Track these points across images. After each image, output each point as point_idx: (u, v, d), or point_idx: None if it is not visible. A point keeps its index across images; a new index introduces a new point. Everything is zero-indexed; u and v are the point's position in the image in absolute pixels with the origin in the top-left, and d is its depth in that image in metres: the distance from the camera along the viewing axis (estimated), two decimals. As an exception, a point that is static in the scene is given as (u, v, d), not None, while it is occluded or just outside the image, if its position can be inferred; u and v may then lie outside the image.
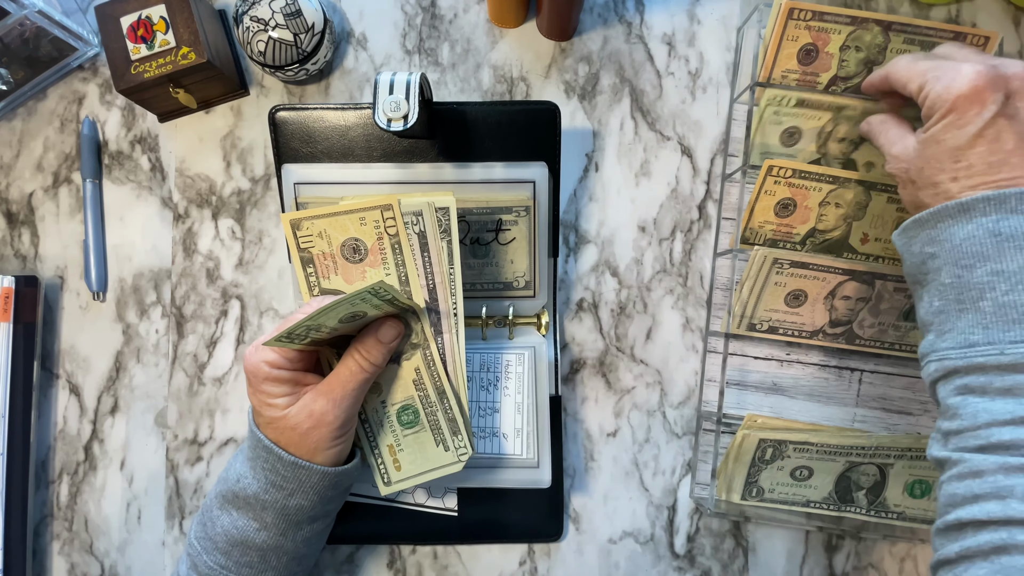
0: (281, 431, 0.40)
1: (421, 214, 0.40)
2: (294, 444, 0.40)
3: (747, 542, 0.52)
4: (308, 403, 0.39)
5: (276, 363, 0.40)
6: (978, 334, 0.33)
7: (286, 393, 0.40)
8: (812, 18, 0.50)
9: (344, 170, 0.47)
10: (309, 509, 0.41)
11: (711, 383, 0.52)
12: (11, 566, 0.49)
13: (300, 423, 0.39)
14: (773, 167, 0.47)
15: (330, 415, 0.39)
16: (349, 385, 0.40)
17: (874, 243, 0.50)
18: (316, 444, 0.40)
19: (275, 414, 0.40)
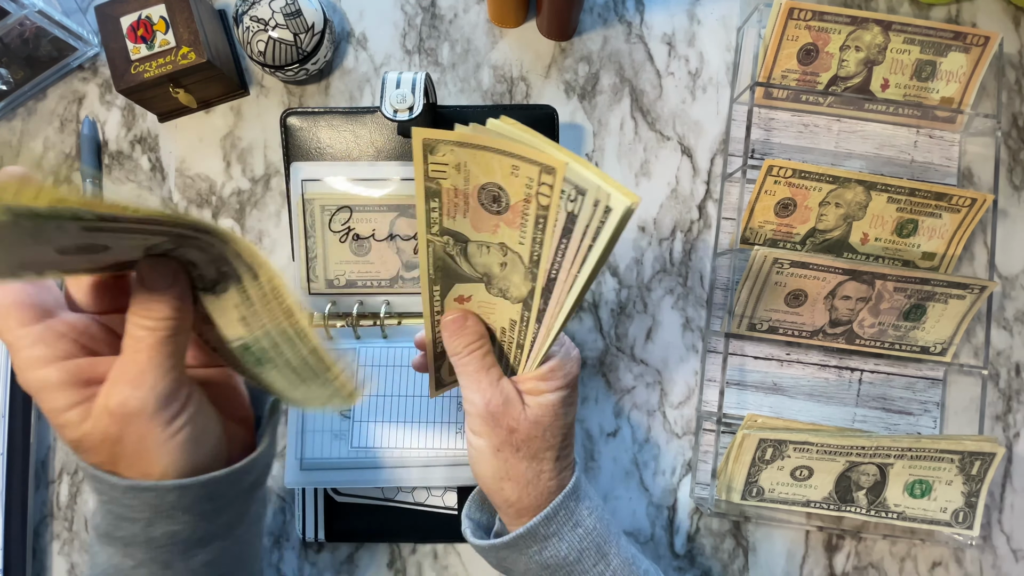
0: (95, 450, 0.28)
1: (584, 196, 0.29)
2: (121, 460, 0.29)
3: (747, 542, 0.52)
4: (103, 403, 0.28)
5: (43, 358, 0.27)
6: None
7: (76, 402, 0.28)
8: (812, 18, 0.50)
9: (351, 167, 0.48)
10: (187, 532, 0.30)
11: (711, 383, 0.52)
12: (11, 566, 0.49)
13: (107, 431, 0.28)
14: (773, 167, 0.47)
15: (136, 401, 0.27)
16: (141, 356, 0.28)
17: (874, 243, 0.50)
18: (141, 445, 0.28)
19: (74, 434, 0.28)
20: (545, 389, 0.35)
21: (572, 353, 0.36)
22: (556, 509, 0.35)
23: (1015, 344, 0.53)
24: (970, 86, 0.52)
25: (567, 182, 0.29)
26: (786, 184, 0.48)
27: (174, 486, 0.29)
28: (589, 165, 0.28)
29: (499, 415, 0.35)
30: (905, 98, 0.52)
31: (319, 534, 0.50)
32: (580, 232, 0.30)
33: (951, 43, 0.50)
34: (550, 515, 0.35)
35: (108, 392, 0.28)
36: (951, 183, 0.53)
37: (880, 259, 0.50)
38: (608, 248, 0.28)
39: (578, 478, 0.37)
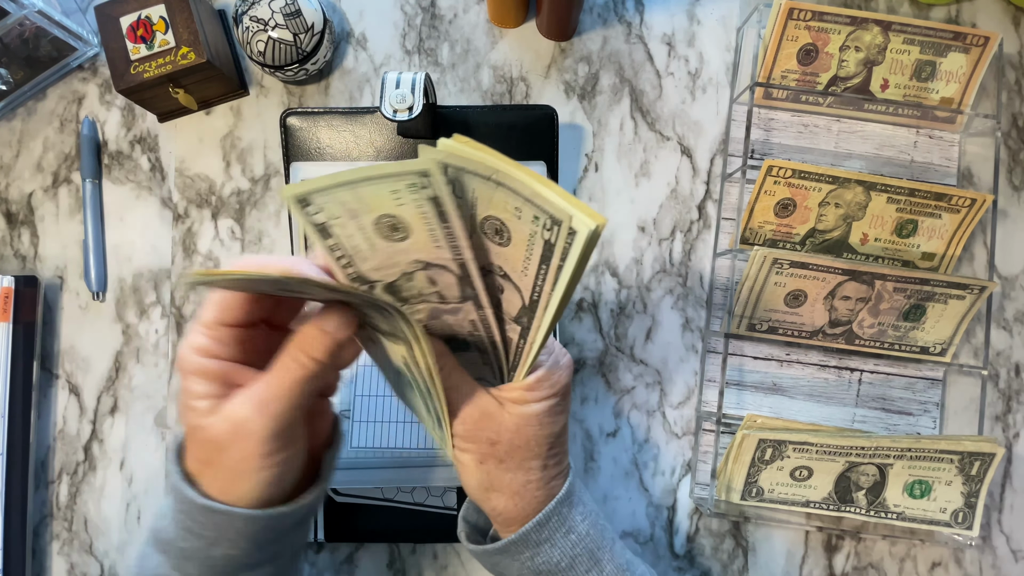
0: (201, 446, 0.30)
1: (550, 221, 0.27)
2: (214, 468, 0.30)
3: (747, 542, 0.52)
4: (230, 408, 0.29)
5: (206, 349, 0.30)
6: None
7: (212, 394, 0.29)
8: (812, 18, 0.50)
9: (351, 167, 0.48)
10: (243, 558, 0.32)
11: (711, 383, 0.52)
12: (11, 566, 0.49)
13: (219, 435, 0.29)
14: (773, 167, 0.47)
15: (255, 425, 0.29)
16: (281, 386, 0.29)
17: (873, 243, 0.50)
18: (237, 466, 0.29)
19: (195, 421, 0.29)
20: (530, 399, 0.34)
21: (562, 361, 0.35)
22: (548, 515, 0.35)
23: (1015, 344, 0.53)
24: (970, 86, 0.52)
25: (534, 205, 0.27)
26: (786, 184, 0.48)
27: (245, 515, 0.30)
28: (552, 185, 0.26)
29: (476, 428, 0.34)
30: (905, 98, 0.52)
31: (319, 534, 0.50)
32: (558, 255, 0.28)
33: (951, 43, 0.50)
34: (542, 521, 0.35)
35: (236, 400, 0.29)
36: (951, 183, 0.53)
37: (880, 259, 0.50)
38: (578, 270, 0.28)
39: (571, 483, 0.37)
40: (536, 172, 0.27)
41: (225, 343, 0.30)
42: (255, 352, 0.31)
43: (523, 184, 0.26)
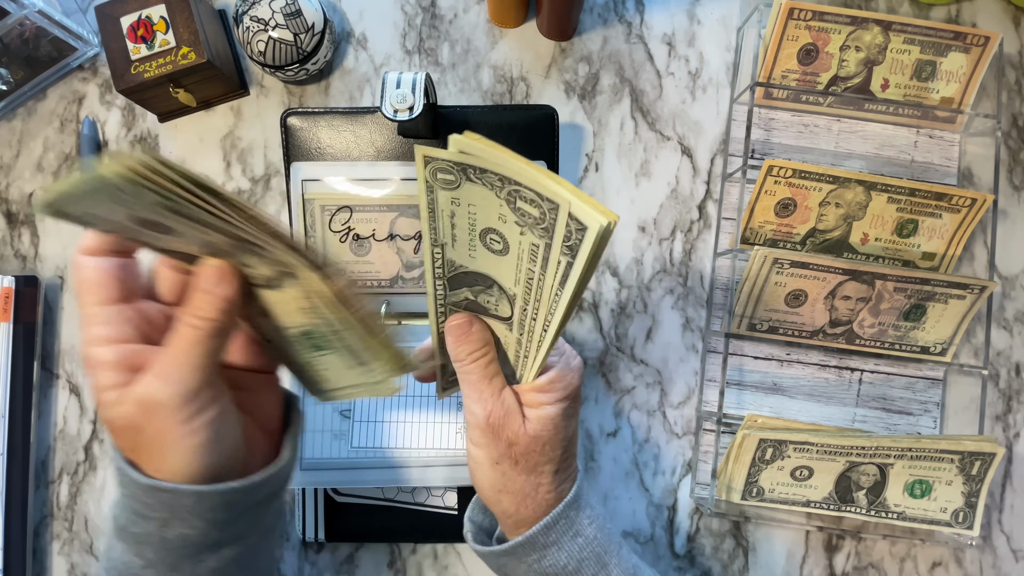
0: (122, 435, 0.29)
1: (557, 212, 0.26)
2: (141, 451, 0.29)
3: (747, 542, 0.52)
4: (135, 390, 0.28)
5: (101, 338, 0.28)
6: None
7: (117, 383, 0.28)
8: (812, 18, 0.50)
9: (351, 167, 0.49)
10: (200, 538, 0.30)
11: (711, 383, 0.52)
12: (11, 566, 0.49)
13: (132, 418, 0.28)
14: (773, 167, 0.47)
15: (161, 395, 0.27)
16: (178, 352, 0.28)
17: (874, 243, 0.50)
18: (159, 440, 0.28)
19: (108, 414, 0.29)
20: (544, 401, 0.34)
21: (573, 363, 0.35)
22: (556, 519, 0.35)
23: (1015, 344, 0.53)
24: (970, 86, 0.52)
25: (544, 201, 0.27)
26: (786, 184, 0.48)
27: (191, 491, 0.29)
28: (563, 181, 0.26)
29: (499, 427, 0.34)
30: (905, 98, 0.52)
31: (319, 534, 0.50)
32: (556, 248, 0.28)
33: (951, 43, 0.50)
34: (549, 524, 0.35)
35: (140, 380, 0.28)
36: (951, 183, 0.53)
37: (880, 259, 0.50)
38: (589, 266, 0.27)
39: (579, 487, 0.37)
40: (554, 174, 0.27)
41: (115, 324, 0.29)
42: (154, 330, 0.30)
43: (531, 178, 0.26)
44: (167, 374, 0.28)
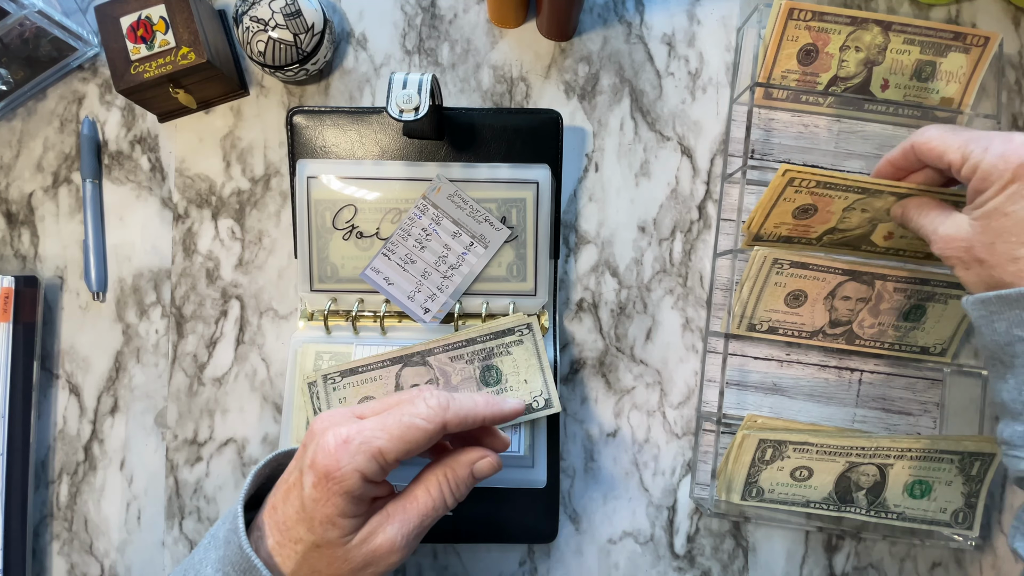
0: (327, 559, 0.31)
1: None
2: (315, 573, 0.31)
3: (747, 542, 0.52)
4: (373, 531, 0.31)
5: (373, 475, 0.31)
6: None
7: (359, 514, 0.31)
8: (812, 18, 0.50)
9: (356, 166, 0.49)
10: None
11: (711, 383, 0.52)
12: (11, 566, 0.49)
13: (356, 557, 0.31)
14: (795, 178, 0.44)
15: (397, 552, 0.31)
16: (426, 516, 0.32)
17: (899, 239, 0.48)
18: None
19: (334, 537, 0.30)
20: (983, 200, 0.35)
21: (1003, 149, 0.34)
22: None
23: (1015, 344, 0.53)
24: (970, 86, 0.52)
25: None
26: (808, 193, 0.45)
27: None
28: None
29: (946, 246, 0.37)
30: (905, 99, 0.52)
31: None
32: None
33: (951, 43, 0.50)
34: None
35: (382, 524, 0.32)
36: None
37: (890, 251, 0.48)
38: None
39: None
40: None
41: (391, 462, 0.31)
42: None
43: None
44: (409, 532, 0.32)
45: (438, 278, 0.48)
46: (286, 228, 0.53)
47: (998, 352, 0.35)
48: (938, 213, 0.39)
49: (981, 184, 0.35)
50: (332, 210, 0.48)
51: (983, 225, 0.35)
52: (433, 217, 0.48)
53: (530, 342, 0.47)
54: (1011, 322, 0.34)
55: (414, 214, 0.48)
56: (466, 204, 0.47)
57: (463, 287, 0.48)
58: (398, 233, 0.48)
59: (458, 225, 0.48)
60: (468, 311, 0.49)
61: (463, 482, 0.35)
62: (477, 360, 0.47)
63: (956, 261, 0.37)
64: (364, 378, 0.46)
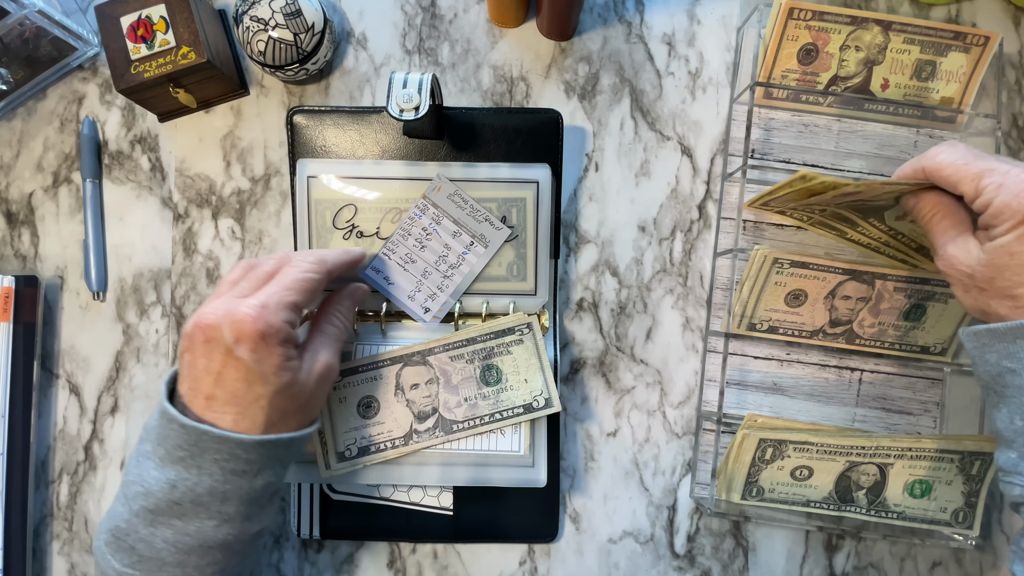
0: (291, 397, 0.37)
1: None
2: (294, 411, 0.38)
3: (747, 542, 0.52)
4: (311, 362, 0.39)
5: (294, 321, 0.38)
6: None
7: (295, 356, 0.38)
8: (812, 18, 0.50)
9: (357, 166, 0.49)
10: (276, 482, 0.38)
11: (711, 383, 0.52)
12: (11, 566, 0.49)
13: (309, 385, 0.38)
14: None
15: (333, 370, 0.40)
16: (339, 338, 0.42)
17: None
18: (318, 402, 0.39)
19: (288, 379, 0.37)
20: (995, 234, 0.35)
21: (1017, 190, 0.34)
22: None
23: (1015, 344, 0.53)
24: (970, 86, 0.52)
25: None
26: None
27: (290, 438, 0.37)
28: None
29: (950, 266, 0.38)
30: (905, 98, 0.52)
31: (314, 531, 0.50)
32: None
33: (951, 43, 0.50)
34: None
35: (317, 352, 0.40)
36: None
37: (889, 243, 0.49)
38: None
39: None
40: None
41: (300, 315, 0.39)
42: None
43: None
44: (336, 352, 0.41)
45: (438, 278, 0.48)
46: (286, 228, 0.53)
47: (991, 383, 0.37)
48: (951, 225, 0.39)
49: (992, 220, 0.35)
50: (332, 210, 0.48)
51: (988, 259, 0.36)
52: (433, 217, 0.47)
53: (530, 341, 0.47)
54: (1000, 354, 0.35)
55: (414, 214, 0.48)
56: (466, 204, 0.47)
57: (463, 286, 0.48)
58: (398, 233, 0.48)
59: (458, 225, 0.48)
60: (468, 311, 0.49)
61: (348, 309, 0.44)
62: (477, 359, 0.47)
63: (956, 282, 0.38)
64: (365, 377, 0.46)
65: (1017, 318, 0.35)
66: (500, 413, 0.46)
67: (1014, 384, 0.35)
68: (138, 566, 0.35)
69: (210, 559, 0.36)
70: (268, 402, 0.36)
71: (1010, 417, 0.36)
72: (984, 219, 0.36)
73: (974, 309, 0.38)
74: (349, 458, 0.46)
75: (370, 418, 0.46)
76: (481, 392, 0.47)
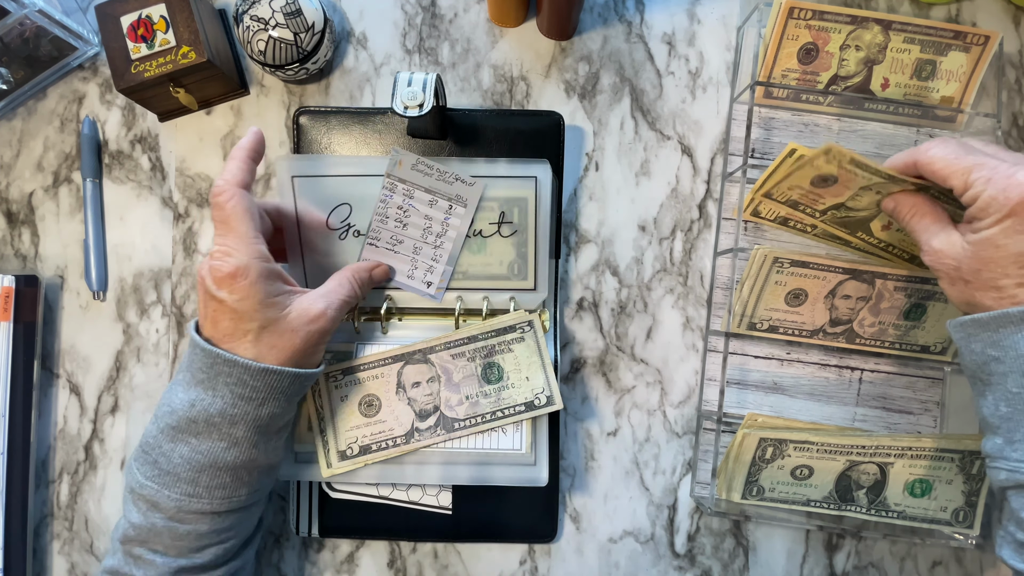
0: (278, 333, 0.39)
1: None
2: (284, 346, 0.39)
3: (747, 541, 0.52)
4: (307, 304, 0.40)
5: (264, 255, 0.39)
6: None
7: (281, 293, 0.39)
8: (812, 17, 0.50)
9: (350, 162, 0.48)
10: (281, 416, 0.40)
11: (711, 382, 0.52)
12: (11, 566, 0.49)
13: (299, 323, 0.39)
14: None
15: (328, 318, 0.40)
16: (343, 296, 0.42)
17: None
18: (305, 344, 0.39)
19: (274, 315, 0.38)
20: (981, 227, 0.36)
21: (1005, 183, 0.35)
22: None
23: (1015, 343, 0.53)
24: (970, 85, 0.52)
25: None
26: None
27: (293, 372, 0.39)
28: None
29: (937, 259, 0.39)
30: (905, 97, 0.52)
31: (313, 529, 0.50)
32: None
33: (951, 42, 0.50)
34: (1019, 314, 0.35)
35: (314, 299, 0.41)
36: (951, 182, 0.53)
37: (887, 247, 0.49)
38: None
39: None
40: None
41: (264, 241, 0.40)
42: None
43: None
44: (334, 305, 0.41)
45: (429, 250, 0.48)
46: (286, 227, 0.53)
47: (976, 371, 0.38)
48: (932, 222, 0.40)
49: (979, 213, 0.36)
50: (325, 210, 0.48)
51: (974, 251, 0.37)
52: (404, 192, 0.47)
53: (532, 339, 0.47)
54: (985, 343, 0.36)
55: (385, 195, 0.47)
56: (432, 169, 0.47)
57: (456, 252, 0.48)
58: (375, 218, 0.48)
59: (431, 192, 0.47)
60: (469, 307, 0.49)
61: (366, 281, 0.45)
62: (479, 357, 0.47)
63: (943, 275, 0.39)
64: (366, 376, 0.46)
65: (1002, 308, 0.35)
66: (502, 411, 0.46)
67: (998, 372, 0.36)
68: (156, 480, 0.39)
69: (219, 482, 0.39)
70: (255, 336, 0.38)
71: (995, 404, 0.37)
72: (971, 212, 0.37)
73: (960, 301, 0.39)
74: (350, 457, 0.46)
75: (371, 416, 0.46)
76: (482, 390, 0.47)
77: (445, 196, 0.47)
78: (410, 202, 0.47)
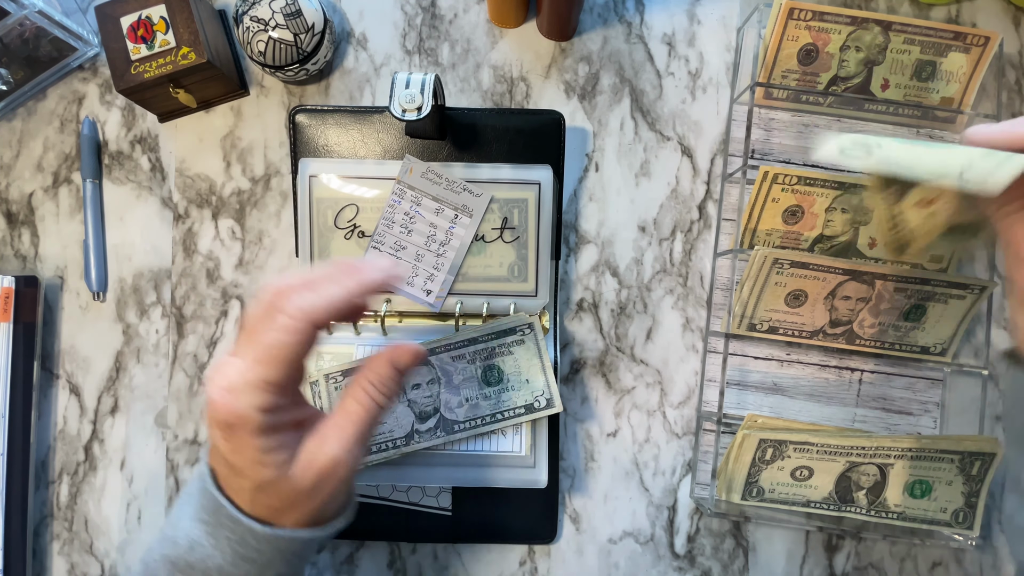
0: (276, 495, 0.31)
1: None
2: (286, 509, 0.32)
3: (747, 542, 0.52)
4: (313, 453, 0.31)
5: (270, 405, 0.30)
6: None
7: (283, 445, 0.30)
8: (812, 18, 0.50)
9: (359, 165, 0.49)
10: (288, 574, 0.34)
11: (711, 383, 0.52)
12: (11, 566, 0.49)
13: (304, 483, 0.31)
14: (777, 175, 0.47)
15: (344, 465, 0.31)
16: (362, 423, 0.32)
17: (880, 249, 0.50)
18: (321, 505, 0.32)
19: (270, 475, 0.30)
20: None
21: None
22: None
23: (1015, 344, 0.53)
24: (970, 86, 0.52)
25: None
26: (791, 191, 0.48)
27: (307, 536, 0.33)
28: None
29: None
30: (905, 98, 0.52)
31: (319, 534, 0.50)
32: None
33: (951, 43, 0.50)
34: None
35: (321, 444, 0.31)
36: (951, 183, 0.53)
37: (883, 261, 0.50)
38: None
39: None
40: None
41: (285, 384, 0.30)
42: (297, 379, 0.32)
43: None
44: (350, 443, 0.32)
45: (432, 258, 0.48)
46: (286, 228, 0.53)
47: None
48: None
49: None
50: (334, 209, 0.48)
51: None
52: (412, 199, 0.47)
53: (532, 341, 0.47)
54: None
55: (393, 200, 0.47)
56: (440, 179, 0.47)
57: (458, 262, 0.48)
58: (382, 223, 0.48)
59: (438, 201, 0.47)
60: (469, 311, 0.49)
61: (387, 379, 0.34)
62: (479, 360, 0.47)
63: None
64: None
65: None
66: (501, 413, 0.46)
67: None
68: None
69: None
70: (251, 496, 0.31)
71: None
72: None
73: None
74: None
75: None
76: (482, 392, 0.47)
77: (452, 205, 0.47)
78: (417, 209, 0.47)
